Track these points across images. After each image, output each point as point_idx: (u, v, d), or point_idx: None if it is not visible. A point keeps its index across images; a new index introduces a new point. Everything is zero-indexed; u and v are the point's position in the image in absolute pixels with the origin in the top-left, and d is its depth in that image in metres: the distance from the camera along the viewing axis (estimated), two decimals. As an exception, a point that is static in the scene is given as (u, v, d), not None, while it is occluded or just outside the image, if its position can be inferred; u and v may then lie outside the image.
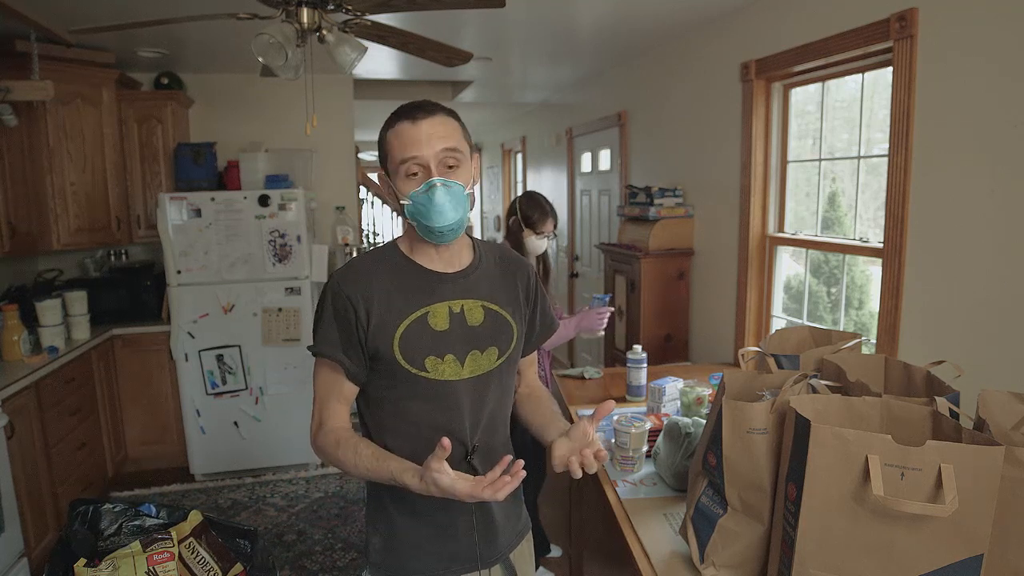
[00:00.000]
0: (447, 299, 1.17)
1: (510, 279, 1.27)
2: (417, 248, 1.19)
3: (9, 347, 2.85)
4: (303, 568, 2.74)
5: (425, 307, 1.15)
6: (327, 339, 1.14)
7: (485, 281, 1.23)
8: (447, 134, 1.12)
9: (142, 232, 3.79)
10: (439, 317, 1.16)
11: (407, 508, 1.19)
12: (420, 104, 1.14)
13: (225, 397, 3.58)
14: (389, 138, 1.13)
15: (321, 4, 1.99)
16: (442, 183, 1.10)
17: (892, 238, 2.03)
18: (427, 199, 1.09)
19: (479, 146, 8.98)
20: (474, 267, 1.22)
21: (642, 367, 2.28)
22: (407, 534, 1.20)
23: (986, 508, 0.89)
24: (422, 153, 1.09)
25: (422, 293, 1.16)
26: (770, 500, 1.13)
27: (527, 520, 1.36)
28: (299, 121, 4.14)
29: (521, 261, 1.33)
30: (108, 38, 3.15)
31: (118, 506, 2.07)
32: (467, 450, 1.18)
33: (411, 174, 1.11)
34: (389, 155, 1.13)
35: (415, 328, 1.14)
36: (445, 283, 1.18)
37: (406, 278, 1.17)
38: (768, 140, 2.74)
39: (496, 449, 1.23)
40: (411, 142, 1.10)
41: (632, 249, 3.33)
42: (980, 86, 1.74)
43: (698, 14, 2.91)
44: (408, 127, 1.11)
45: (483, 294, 1.21)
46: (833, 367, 1.32)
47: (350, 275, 1.16)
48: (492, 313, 1.21)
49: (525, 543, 1.34)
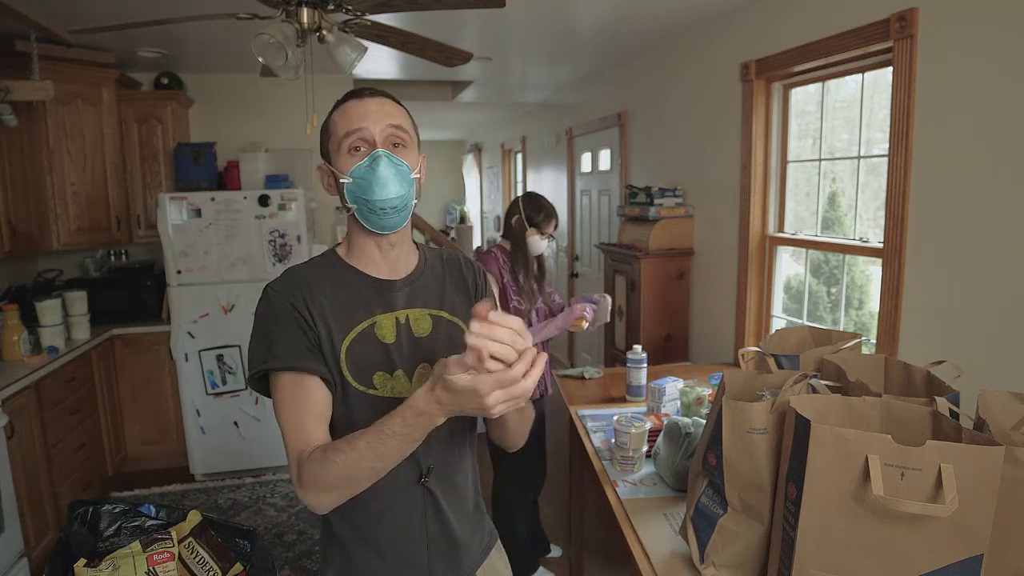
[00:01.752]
0: (393, 309, 1.08)
1: (460, 280, 1.18)
2: (358, 253, 1.10)
3: (9, 347, 2.85)
4: (303, 568, 2.74)
5: (371, 318, 1.06)
6: (288, 352, 0.99)
7: (433, 287, 1.14)
8: (395, 112, 1.05)
9: (142, 232, 3.79)
10: (386, 329, 1.06)
11: (362, 540, 1.09)
12: (369, 88, 1.08)
13: (225, 397, 3.58)
14: (333, 117, 1.06)
15: (321, 4, 1.99)
16: (386, 155, 1.01)
17: (892, 238, 2.03)
18: (370, 172, 1.01)
19: (479, 146, 8.98)
20: (419, 272, 1.13)
21: (642, 367, 2.28)
22: (364, 568, 1.10)
23: (986, 508, 0.89)
24: (367, 125, 1.02)
25: (366, 303, 1.06)
26: (770, 500, 1.12)
27: (492, 532, 1.27)
28: (299, 121, 4.13)
29: (469, 261, 1.24)
30: (108, 38, 3.15)
31: (117, 507, 2.07)
32: (421, 472, 1.08)
33: (354, 148, 1.02)
34: (332, 134, 1.05)
35: (362, 341, 1.04)
36: (390, 291, 1.09)
37: (348, 286, 1.07)
38: (768, 140, 2.74)
39: (455, 469, 1.14)
40: (356, 116, 1.02)
41: (632, 249, 3.33)
42: (980, 86, 1.74)
43: (698, 14, 2.91)
44: (355, 103, 1.04)
45: (431, 302, 1.12)
46: (833, 367, 1.32)
47: (288, 284, 1.04)
48: (442, 322, 1.12)
49: (495, 554, 1.25)
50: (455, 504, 1.14)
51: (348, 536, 1.10)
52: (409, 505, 1.09)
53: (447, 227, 9.38)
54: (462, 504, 1.16)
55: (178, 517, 2.11)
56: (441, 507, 1.11)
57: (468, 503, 1.18)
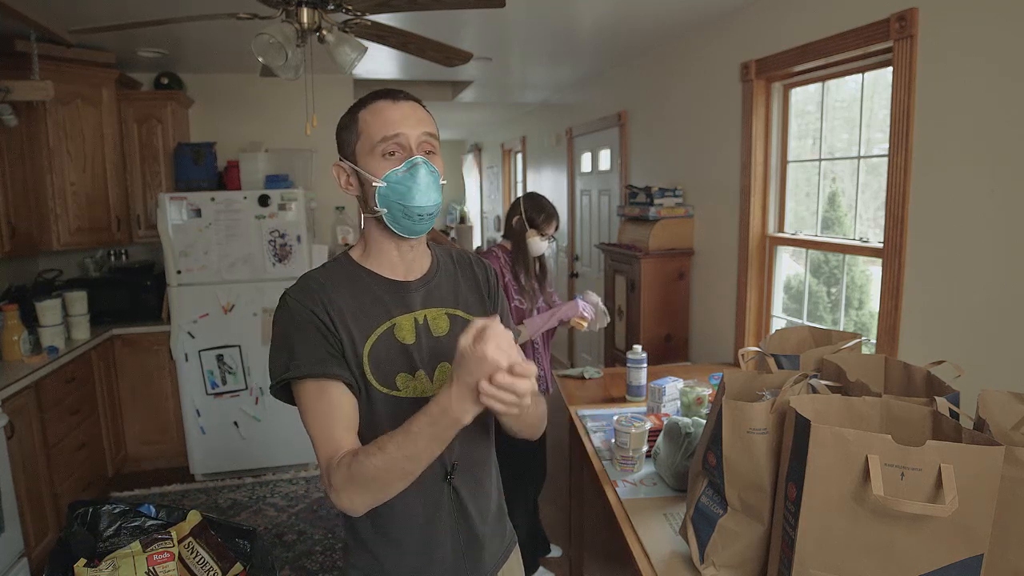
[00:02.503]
0: (411, 310, 1.09)
1: (472, 279, 1.20)
2: (376, 255, 1.10)
3: (9, 347, 2.85)
4: (303, 568, 2.74)
5: (391, 319, 1.07)
6: (310, 359, 0.99)
7: (448, 286, 1.15)
8: (427, 119, 1.06)
9: (142, 232, 3.79)
10: (405, 330, 1.07)
11: (388, 541, 1.10)
12: (397, 89, 1.08)
13: (225, 397, 3.58)
14: (363, 117, 1.04)
15: (321, 4, 1.99)
16: (425, 162, 1.02)
17: (892, 238, 2.03)
18: (409, 177, 1.01)
19: (479, 146, 8.98)
20: (433, 272, 1.15)
21: (642, 367, 2.28)
22: (391, 569, 1.11)
23: (986, 508, 0.89)
24: (406, 131, 1.01)
25: (385, 304, 1.07)
26: (770, 500, 1.12)
27: (512, 535, 1.28)
28: (299, 121, 4.13)
29: (480, 260, 1.25)
30: (108, 38, 3.15)
31: (117, 507, 2.06)
32: (446, 471, 1.09)
33: (389, 153, 1.02)
34: (363, 135, 1.03)
35: (383, 343, 1.05)
36: (407, 292, 1.10)
37: (366, 290, 1.07)
38: (768, 140, 2.74)
39: (478, 465, 1.16)
40: (393, 121, 1.02)
41: (632, 249, 3.33)
42: (980, 86, 1.74)
43: (698, 14, 2.91)
44: (389, 105, 1.03)
45: (447, 301, 1.13)
46: (833, 367, 1.32)
47: (306, 290, 1.04)
48: (459, 320, 1.13)
49: (513, 558, 1.26)
50: (479, 503, 1.15)
51: (372, 534, 1.10)
52: (434, 503, 1.10)
53: (447, 227, 9.37)
54: (486, 503, 1.18)
55: (178, 517, 2.10)
56: (465, 505, 1.12)
57: (492, 502, 1.20)
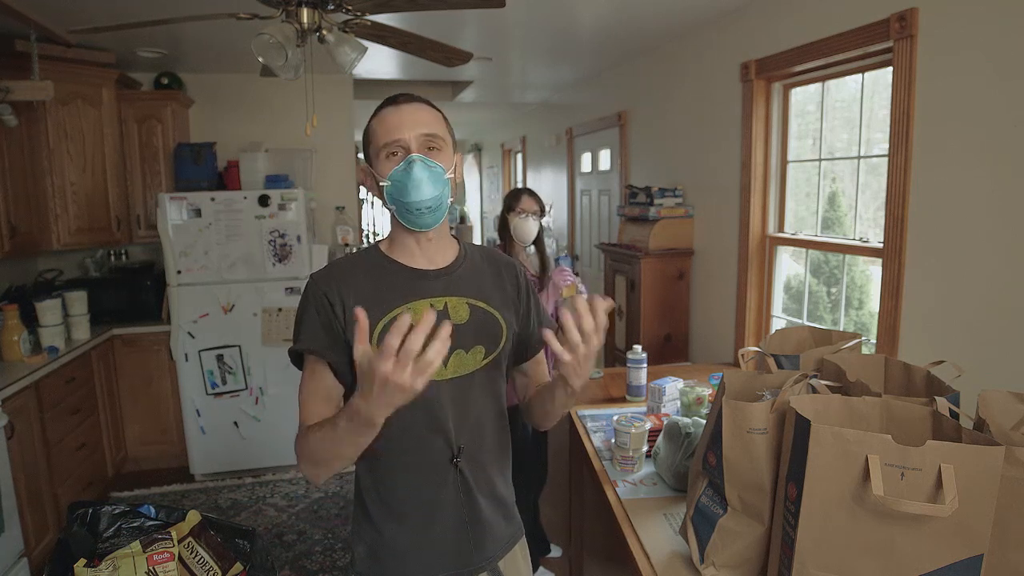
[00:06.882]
0: (429, 296, 1.14)
1: (498, 276, 1.24)
2: (398, 246, 1.18)
3: (9, 347, 2.85)
4: (303, 568, 2.74)
5: (404, 305, 1.12)
6: (308, 336, 1.11)
7: (471, 278, 1.20)
8: (429, 120, 1.12)
9: (142, 232, 3.79)
10: (419, 315, 1.13)
11: (392, 514, 1.16)
12: (404, 93, 1.15)
13: (225, 397, 3.58)
14: (373, 126, 1.14)
15: (321, 4, 1.99)
16: (420, 158, 1.09)
17: (892, 238, 2.03)
18: (405, 174, 1.08)
19: (479, 146, 8.97)
20: (459, 263, 1.20)
21: (642, 367, 2.28)
22: (392, 541, 1.17)
23: (986, 508, 0.89)
24: (403, 136, 1.09)
25: (402, 291, 1.13)
26: (770, 500, 1.12)
27: (520, 526, 1.30)
28: (299, 121, 4.14)
29: (509, 260, 1.30)
30: (108, 38, 3.15)
31: (117, 507, 2.07)
32: (453, 452, 1.14)
33: (391, 154, 1.10)
34: (372, 142, 1.13)
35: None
36: (427, 280, 1.15)
37: (385, 276, 1.15)
38: (768, 140, 2.74)
39: (485, 451, 1.20)
40: (393, 126, 1.10)
41: (632, 249, 3.33)
42: (980, 86, 1.74)
43: (698, 14, 2.91)
44: (391, 112, 1.12)
45: (469, 291, 1.18)
46: (833, 367, 1.32)
47: (328, 274, 1.14)
48: (479, 310, 1.18)
49: (519, 550, 1.29)
50: (483, 487, 1.20)
51: (379, 511, 1.17)
52: (440, 483, 1.15)
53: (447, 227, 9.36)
54: (491, 488, 1.22)
55: (178, 517, 2.10)
56: (470, 487, 1.17)
57: (497, 487, 1.23)
